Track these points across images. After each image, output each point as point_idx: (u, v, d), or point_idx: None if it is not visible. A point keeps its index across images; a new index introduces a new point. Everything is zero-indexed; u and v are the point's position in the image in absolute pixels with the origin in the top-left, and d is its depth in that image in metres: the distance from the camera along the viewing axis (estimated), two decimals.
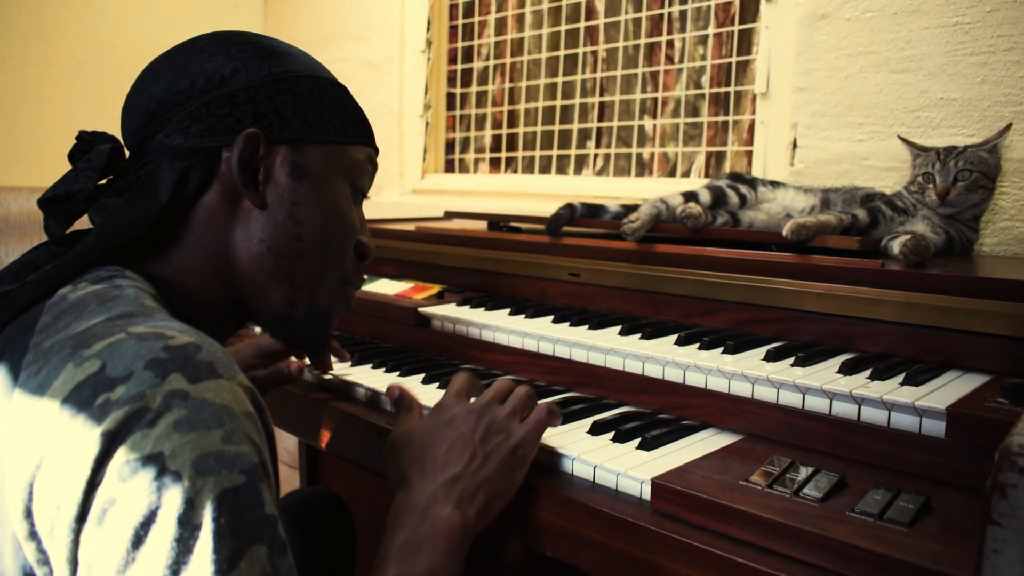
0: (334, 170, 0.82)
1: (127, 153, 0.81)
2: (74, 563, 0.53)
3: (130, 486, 0.52)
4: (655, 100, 2.17)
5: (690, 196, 1.33)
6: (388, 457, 0.82)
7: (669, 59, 2.12)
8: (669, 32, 2.12)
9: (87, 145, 0.79)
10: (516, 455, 0.79)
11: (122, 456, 0.53)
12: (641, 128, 2.20)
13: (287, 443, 3.04)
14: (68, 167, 0.79)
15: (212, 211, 0.78)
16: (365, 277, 1.59)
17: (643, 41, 2.17)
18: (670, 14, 2.11)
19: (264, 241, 0.79)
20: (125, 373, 0.56)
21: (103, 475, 0.53)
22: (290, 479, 2.91)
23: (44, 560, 0.55)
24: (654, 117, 2.17)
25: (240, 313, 0.84)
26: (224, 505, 0.53)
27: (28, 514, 0.55)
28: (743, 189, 1.35)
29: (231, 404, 0.57)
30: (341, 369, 1.18)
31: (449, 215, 1.92)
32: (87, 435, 0.54)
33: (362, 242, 0.89)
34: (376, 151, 0.91)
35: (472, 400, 0.85)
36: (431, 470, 0.78)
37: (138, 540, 0.51)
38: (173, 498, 0.52)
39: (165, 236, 0.77)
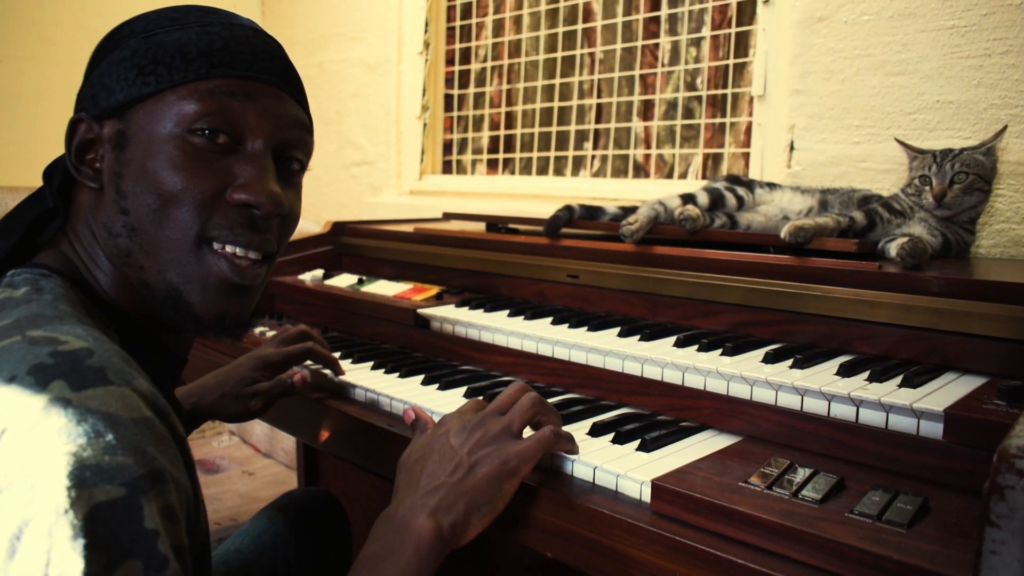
0: (158, 124, 0.73)
1: None
2: None
3: (5, 497, 0.51)
4: (652, 102, 2.17)
5: (688, 198, 1.33)
6: (396, 477, 0.82)
7: (666, 61, 2.13)
8: (666, 34, 2.12)
9: None
10: (506, 467, 0.76)
11: None
12: (639, 130, 2.20)
13: (285, 443, 3.04)
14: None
15: (79, 205, 0.78)
16: (363, 278, 1.60)
17: (640, 43, 2.18)
18: (667, 16, 2.12)
19: (105, 224, 0.75)
20: (8, 377, 0.55)
21: None
22: (288, 479, 2.91)
23: None
24: (651, 119, 2.18)
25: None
26: (99, 519, 0.51)
27: None
28: (741, 191, 1.35)
29: (118, 412, 0.55)
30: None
31: (447, 216, 1.92)
32: None
33: (239, 194, 0.74)
34: (241, 76, 0.75)
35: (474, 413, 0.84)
36: (415, 483, 0.77)
37: (12, 551, 0.50)
38: (46, 510, 0.50)
39: (68, 235, 0.78)
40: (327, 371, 1.17)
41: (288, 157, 0.80)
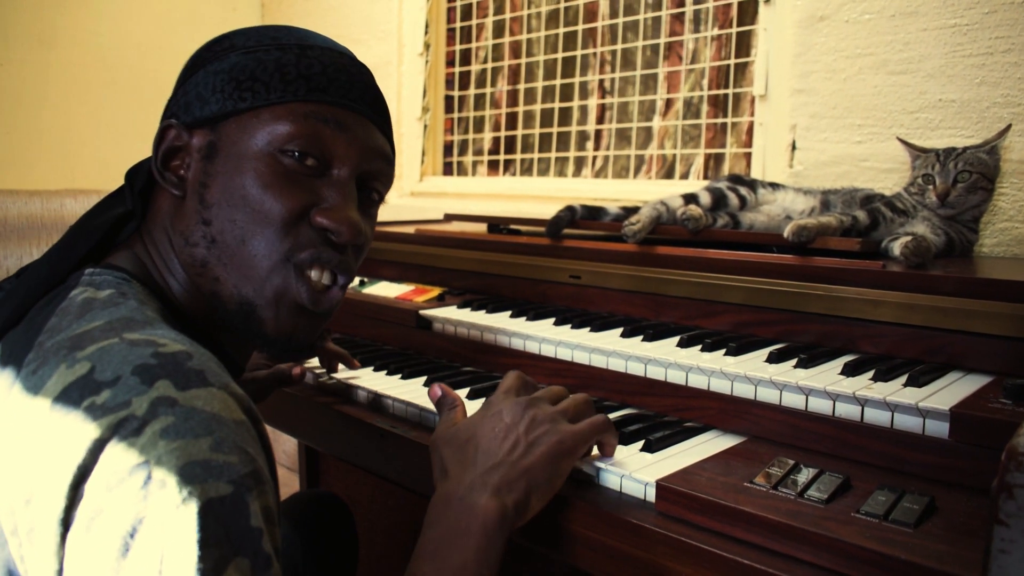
0: (250, 140, 0.74)
1: None
2: (59, 567, 0.53)
3: (116, 495, 0.52)
4: (653, 102, 2.17)
5: (690, 198, 1.33)
6: (432, 454, 0.79)
7: (679, 59, 2.13)
8: (668, 35, 2.12)
9: None
10: (563, 446, 0.75)
11: (108, 464, 0.53)
12: (640, 130, 2.20)
13: (286, 446, 3.03)
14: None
15: (158, 210, 0.78)
16: (365, 280, 1.59)
17: (640, 44, 2.18)
18: (668, 16, 2.12)
19: (183, 232, 0.76)
20: (112, 377, 0.56)
21: (89, 482, 0.53)
22: (289, 481, 2.90)
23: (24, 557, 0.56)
24: (653, 119, 2.17)
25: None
26: (209, 515, 0.52)
27: (14, 511, 0.55)
28: (743, 191, 1.35)
29: (221, 412, 0.57)
30: (343, 372, 1.18)
31: (449, 217, 1.92)
32: (72, 439, 0.54)
33: (321, 218, 0.75)
34: (335, 103, 0.77)
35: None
36: (471, 461, 0.74)
37: (126, 548, 0.51)
38: (159, 507, 0.51)
39: (143, 238, 0.78)
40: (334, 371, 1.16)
41: (369, 187, 0.82)
